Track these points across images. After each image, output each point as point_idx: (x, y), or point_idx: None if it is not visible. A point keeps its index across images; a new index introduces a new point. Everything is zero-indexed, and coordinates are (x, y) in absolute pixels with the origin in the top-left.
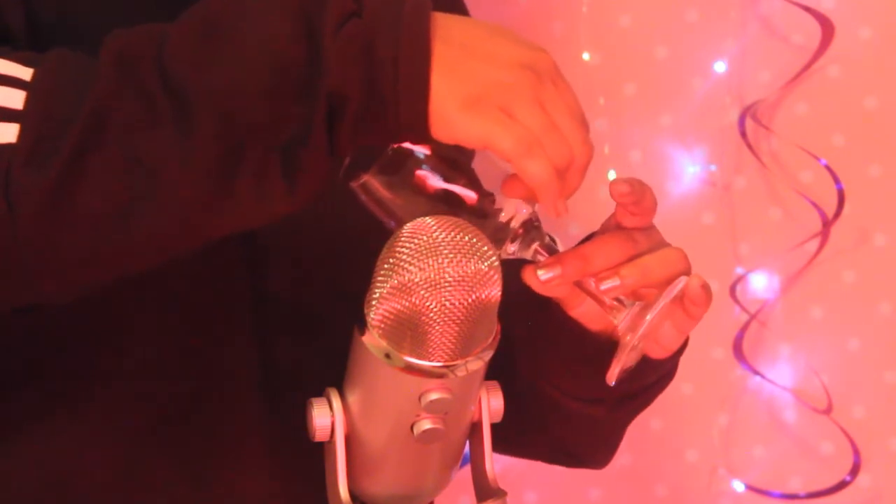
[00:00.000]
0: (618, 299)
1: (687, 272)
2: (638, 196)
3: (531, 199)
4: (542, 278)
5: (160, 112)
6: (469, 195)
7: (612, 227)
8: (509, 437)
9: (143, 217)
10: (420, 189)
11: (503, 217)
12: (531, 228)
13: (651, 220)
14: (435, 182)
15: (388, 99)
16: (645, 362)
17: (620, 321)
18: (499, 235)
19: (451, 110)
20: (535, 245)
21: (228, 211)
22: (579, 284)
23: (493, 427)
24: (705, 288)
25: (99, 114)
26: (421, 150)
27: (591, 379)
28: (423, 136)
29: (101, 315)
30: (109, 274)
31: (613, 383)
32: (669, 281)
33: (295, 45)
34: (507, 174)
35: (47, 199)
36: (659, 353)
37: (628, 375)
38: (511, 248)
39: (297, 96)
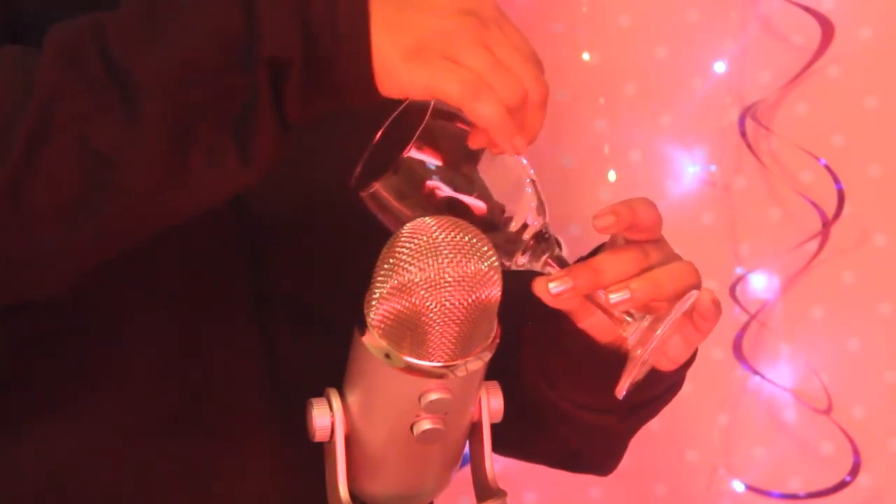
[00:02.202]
0: (628, 312)
1: (697, 286)
2: (627, 221)
3: (493, 145)
4: (553, 291)
5: (107, 98)
6: (478, 205)
7: (619, 241)
8: (516, 444)
9: (103, 203)
10: (430, 199)
11: (513, 227)
12: (542, 240)
13: (659, 232)
14: (445, 192)
15: (330, 59)
16: (653, 373)
17: (630, 335)
18: (509, 247)
19: (395, 63)
20: (546, 256)
21: (187, 189)
22: (589, 297)
23: (500, 432)
24: (716, 303)
25: (47, 106)
26: (433, 161)
27: (599, 390)
28: (370, 93)
29: (100, 314)
30: (82, 262)
31: (622, 396)
32: (680, 295)
33: (232, 17)
34: (516, 182)
35: (4, 196)
36: (667, 365)
37: (636, 386)
38: (521, 260)
39: (240, 68)
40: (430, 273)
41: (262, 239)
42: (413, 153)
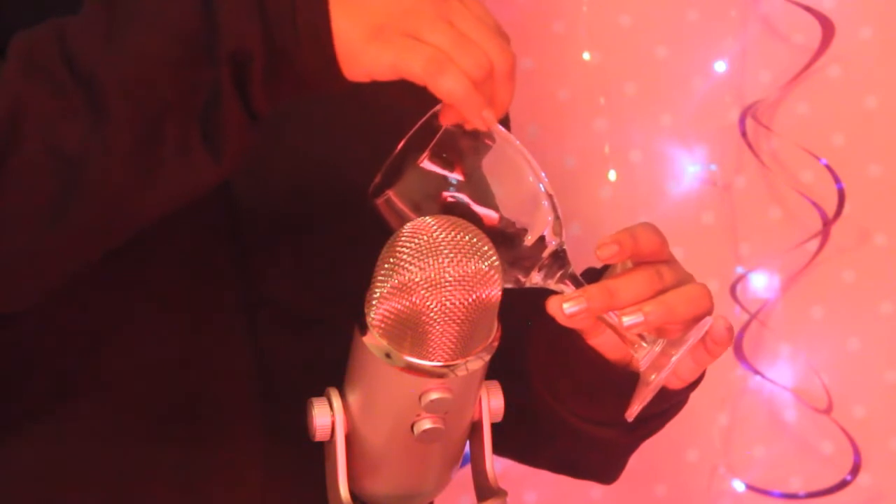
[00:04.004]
0: (640, 335)
1: (710, 310)
2: (630, 250)
3: (465, 121)
4: (567, 311)
5: (73, 103)
6: (491, 216)
7: (628, 263)
8: (518, 450)
9: (77, 208)
10: (444, 210)
11: (528, 241)
12: (557, 258)
13: (666, 254)
14: (458, 203)
15: (292, 48)
16: (661, 391)
17: (642, 357)
18: (525, 263)
19: (357, 46)
20: (560, 274)
21: (159, 187)
22: (601, 317)
23: (503, 439)
24: (729, 330)
25: (13, 114)
26: (447, 172)
27: (606, 405)
28: (336, 79)
29: (96, 319)
30: (59, 267)
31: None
32: (693, 319)
33: (191, 13)
34: (532, 197)
35: None
36: (676, 384)
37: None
38: (536, 278)
39: (202, 63)
40: (430, 273)
41: (257, 242)
42: (426, 163)
